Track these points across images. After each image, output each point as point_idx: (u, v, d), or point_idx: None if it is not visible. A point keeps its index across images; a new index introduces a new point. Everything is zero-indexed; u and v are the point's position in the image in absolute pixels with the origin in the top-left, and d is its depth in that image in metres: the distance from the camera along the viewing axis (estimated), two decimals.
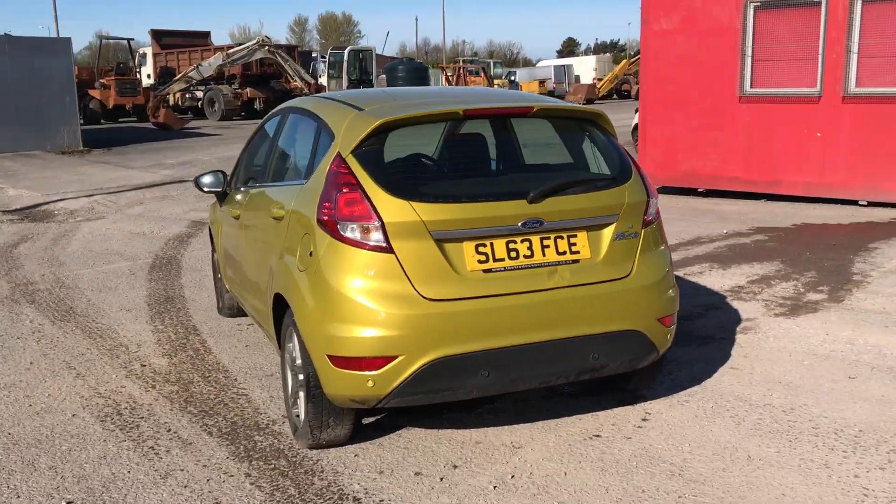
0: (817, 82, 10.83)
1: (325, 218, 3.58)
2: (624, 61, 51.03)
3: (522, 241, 3.61)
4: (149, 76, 36.29)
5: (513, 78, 50.49)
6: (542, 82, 48.62)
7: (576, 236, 3.70)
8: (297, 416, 4.00)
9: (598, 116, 4.05)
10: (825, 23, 10.64)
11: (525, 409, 4.34)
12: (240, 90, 32.96)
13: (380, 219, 3.46)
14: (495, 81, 44.03)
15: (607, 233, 3.77)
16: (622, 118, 23.45)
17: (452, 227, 3.52)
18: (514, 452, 3.86)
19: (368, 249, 3.48)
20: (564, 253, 3.67)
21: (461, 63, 46.51)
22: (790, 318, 5.91)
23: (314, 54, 32.41)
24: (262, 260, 4.41)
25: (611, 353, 3.78)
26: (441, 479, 3.62)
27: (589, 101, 46.81)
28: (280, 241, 4.03)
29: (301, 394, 3.91)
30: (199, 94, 33.71)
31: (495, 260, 3.57)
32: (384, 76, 32.48)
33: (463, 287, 3.52)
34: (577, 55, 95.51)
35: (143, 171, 17.48)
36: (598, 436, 4.02)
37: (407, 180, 3.63)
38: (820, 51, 10.74)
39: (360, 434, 4.03)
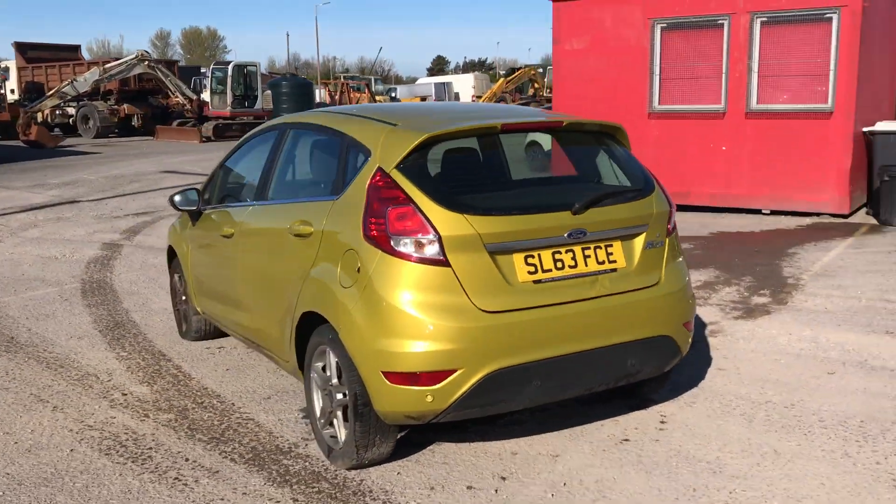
0: (722, 99, 11.49)
1: (375, 233, 3.55)
2: (502, 80, 52.24)
3: (567, 252, 3.70)
4: (12, 91, 34.24)
5: (393, 95, 50.77)
6: (422, 99, 49.12)
7: (612, 246, 3.82)
8: (333, 436, 3.93)
9: (617, 130, 4.20)
10: (728, 43, 11.32)
11: (546, 419, 4.42)
12: (116, 106, 31.60)
13: (436, 232, 3.47)
14: (377, 98, 44.11)
15: (638, 242, 3.92)
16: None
17: (505, 239, 3.57)
18: (554, 461, 3.93)
19: (424, 263, 3.47)
20: (603, 262, 3.78)
21: (342, 79, 46.35)
22: (749, 320, 6.25)
23: (203, 69, 31.38)
24: (276, 280, 4.30)
25: (645, 358, 3.92)
26: (496, 492, 3.65)
27: None
28: (308, 258, 3.96)
29: (339, 413, 3.84)
30: (71, 110, 32.09)
31: (543, 271, 3.64)
32: (269, 92, 31.95)
33: (516, 298, 3.57)
34: (447, 73, 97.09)
35: (26, 191, 16.51)
36: (626, 440, 4.14)
37: (458, 194, 3.65)
38: (723, 70, 11.42)
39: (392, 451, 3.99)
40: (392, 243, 3.50)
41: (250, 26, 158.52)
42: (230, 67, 30.21)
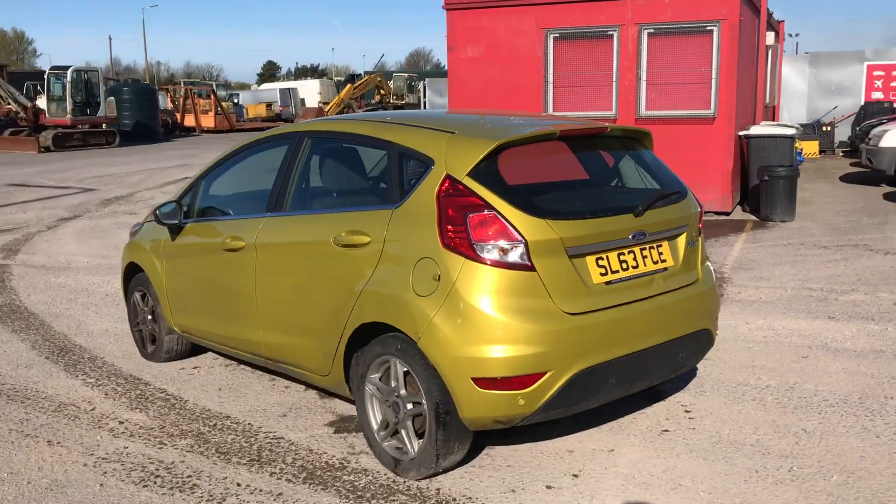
0: (613, 106, 12.11)
1: (456, 241, 3.56)
2: (349, 86, 51.99)
3: (629, 253, 3.86)
4: None
5: (236, 101, 49.39)
6: (268, 105, 48.12)
7: (661, 246, 4.02)
8: (398, 448, 3.89)
9: (646, 135, 4.41)
10: (617, 53, 11.96)
11: (577, 417, 4.54)
12: None
13: (522, 237, 3.53)
14: (222, 104, 42.78)
15: (681, 242, 4.14)
16: None
17: (582, 242, 3.68)
18: (611, 455, 4.08)
19: (511, 268, 3.52)
20: (657, 262, 3.98)
21: (182, 84, 44.61)
22: None
23: (48, 73, 29.23)
24: (314, 292, 4.19)
25: (692, 351, 4.15)
26: (574, 489, 3.74)
27: None
28: (364, 268, 3.89)
29: (408, 424, 3.81)
30: None
31: (612, 272, 3.78)
32: (112, 98, 30.32)
33: (593, 300, 3.69)
34: (279, 79, 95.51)
35: None
36: (666, 430, 4.36)
37: (536, 199, 3.72)
38: (614, 78, 12.05)
39: None
40: (476, 250, 3.53)
41: (62, 29, 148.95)
42: (69, 73, 28.36)
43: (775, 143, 11.90)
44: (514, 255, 3.53)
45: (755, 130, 12.01)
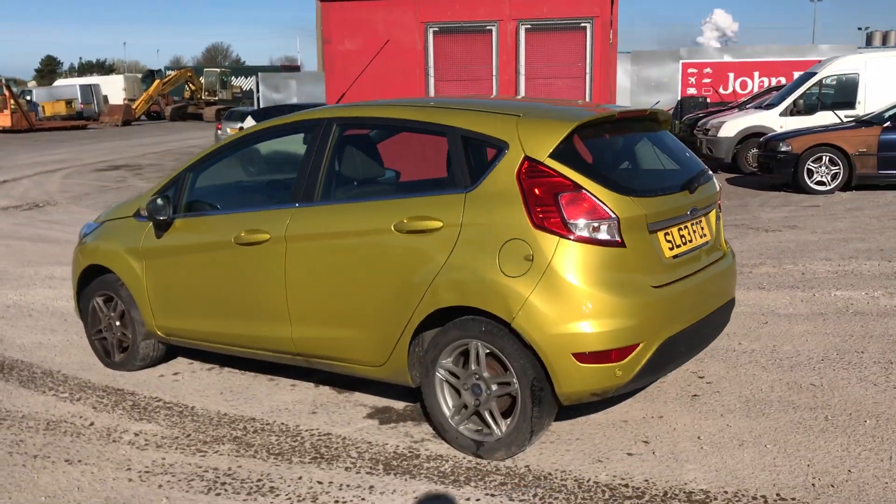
0: None
1: (549, 221, 3.64)
2: (157, 82, 49.55)
3: (685, 228, 4.10)
4: None
5: (29, 98, 45.64)
6: (68, 102, 44.90)
7: (701, 221, 4.30)
8: (478, 430, 3.92)
9: (669, 118, 4.67)
10: (497, 48, 12.31)
11: None
12: None
13: (615, 215, 3.67)
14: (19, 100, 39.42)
15: (713, 217, 4.44)
16: (179, 139, 23.28)
17: (657, 218, 3.87)
18: (664, 421, 4.31)
19: (604, 245, 3.65)
20: (703, 236, 4.25)
21: None
22: None
23: None
24: (370, 280, 4.10)
25: (726, 318, 4.47)
26: (654, 453, 3.94)
27: (126, 123, 44.62)
28: (437, 253, 3.87)
29: (493, 405, 3.85)
30: None
31: (677, 246, 4.01)
32: None
33: (668, 273, 3.90)
34: (61, 75, 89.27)
35: None
36: (696, 395, 4.66)
37: (617, 178, 3.85)
38: (494, 72, 12.39)
39: None
40: (570, 229, 3.62)
41: None
42: None
43: None
44: (607, 232, 3.66)
45: None
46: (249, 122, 20.18)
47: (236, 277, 4.65)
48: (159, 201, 4.81)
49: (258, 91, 27.32)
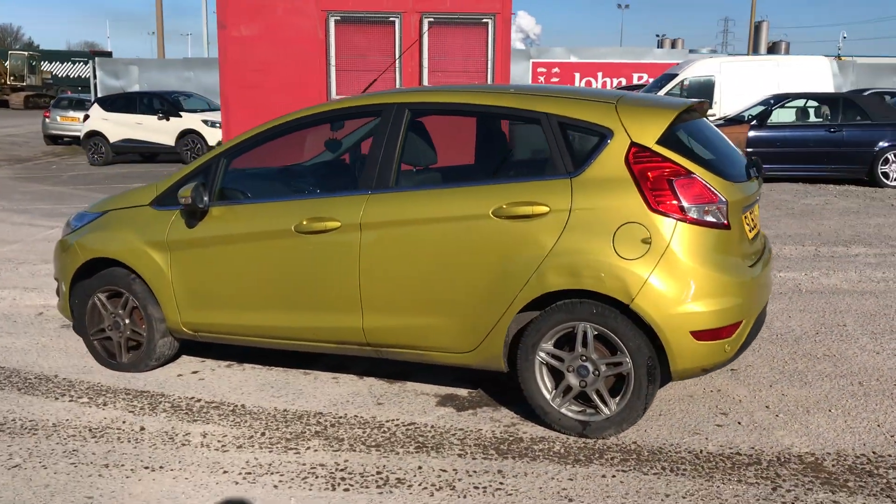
0: None
1: (667, 204, 3.80)
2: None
3: (751, 214, 4.39)
4: None
5: None
6: None
7: (755, 209, 4.62)
8: (581, 411, 4.02)
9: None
10: (400, 40, 12.31)
11: None
12: None
13: (724, 199, 3.89)
14: None
15: (757, 207, 4.77)
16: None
17: (745, 203, 4.13)
18: (724, 394, 4.60)
19: (715, 228, 3.86)
20: (756, 224, 4.56)
21: None
22: None
23: None
24: (468, 266, 4.09)
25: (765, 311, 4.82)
26: (739, 423, 4.21)
27: None
28: (543, 237, 3.92)
29: (601, 384, 3.96)
30: None
31: (749, 230, 4.29)
32: None
33: (752, 256, 4.18)
34: None
35: None
36: (733, 369, 4.99)
37: (715, 164, 4.05)
38: (397, 65, 12.39)
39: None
40: (687, 212, 3.81)
41: None
42: None
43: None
44: (717, 215, 3.87)
45: None
46: (98, 111, 18.90)
47: (295, 267, 4.46)
48: (200, 189, 4.52)
49: (95, 77, 25.52)
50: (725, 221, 3.89)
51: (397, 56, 10.22)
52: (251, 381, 4.88)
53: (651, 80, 20.87)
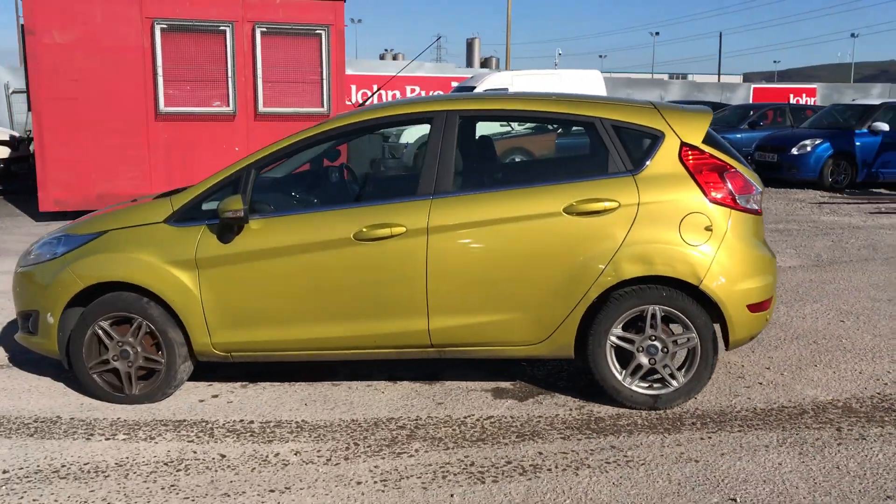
0: (231, 102, 12.13)
1: (722, 196, 4.34)
2: None
3: None
4: None
5: None
6: None
7: None
8: (649, 386, 4.45)
9: None
10: (233, 49, 12.00)
11: None
12: None
13: (759, 189, 4.51)
14: None
15: None
16: None
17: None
18: (723, 362, 5.26)
19: (756, 214, 4.47)
20: None
21: None
22: None
23: None
24: (540, 261, 4.35)
25: None
26: (760, 384, 4.86)
27: None
28: (614, 230, 4.29)
29: (669, 361, 4.42)
30: None
31: None
32: None
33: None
34: None
35: None
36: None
37: (739, 160, 4.64)
38: (230, 74, 12.06)
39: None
40: (738, 202, 4.38)
41: None
42: None
43: (369, 139, 13.42)
44: (756, 203, 4.48)
45: None
46: None
47: (354, 275, 4.43)
48: (223, 203, 4.35)
49: None
50: (759, 209, 4.51)
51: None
52: (286, 398, 4.74)
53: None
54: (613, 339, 4.41)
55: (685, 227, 4.30)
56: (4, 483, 3.72)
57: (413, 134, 14.16)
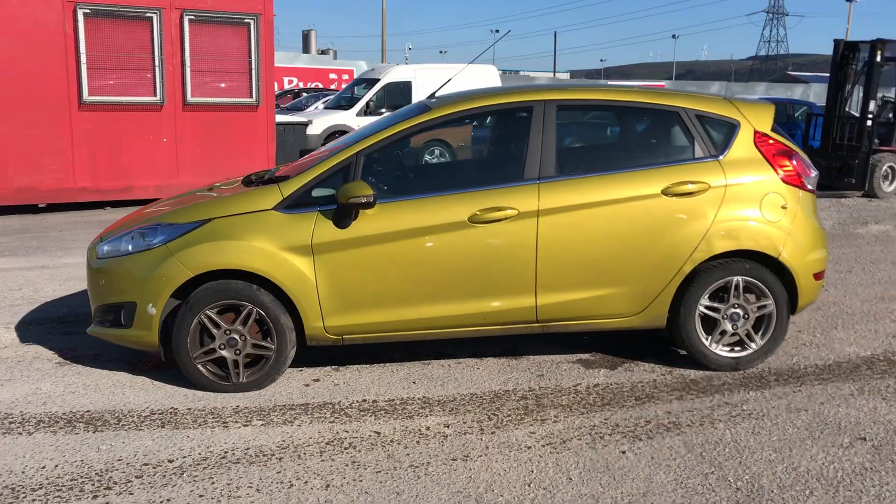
0: (158, 92, 11.74)
1: (792, 177, 4.91)
2: None
3: None
4: None
5: None
6: None
7: None
8: (732, 349, 4.96)
9: None
10: (160, 37, 11.60)
11: None
12: None
13: (815, 172, 5.11)
14: None
15: None
16: None
17: None
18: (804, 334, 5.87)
19: (812, 193, 5.08)
20: None
21: None
22: None
23: None
24: (645, 240, 4.73)
25: None
26: (804, 345, 5.50)
27: None
28: (708, 210, 4.75)
29: (749, 326, 4.95)
30: None
31: None
32: None
33: None
34: None
35: None
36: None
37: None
38: (158, 62, 11.66)
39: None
40: (803, 182, 4.97)
41: None
42: None
43: (294, 129, 13.36)
44: (812, 184, 5.08)
45: (287, 118, 13.21)
46: None
47: (468, 256, 4.65)
48: (368, 187, 4.48)
49: None
50: (814, 189, 5.12)
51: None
52: (388, 378, 4.88)
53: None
54: (702, 308, 4.87)
55: (765, 205, 4.83)
56: (181, 472, 3.69)
57: None
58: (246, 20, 12.18)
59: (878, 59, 13.73)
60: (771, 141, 4.93)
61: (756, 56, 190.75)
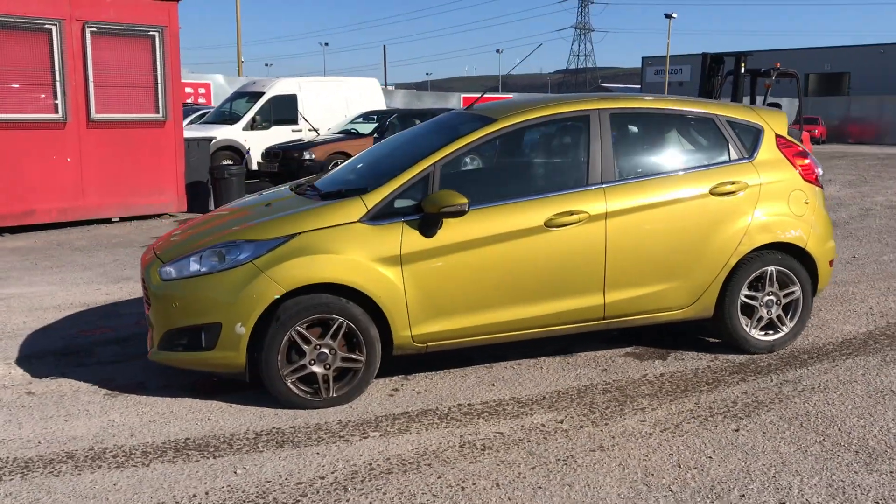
0: (60, 109, 11.04)
1: (811, 176, 5.47)
2: None
3: None
4: None
5: None
6: None
7: None
8: (765, 334, 5.46)
9: None
10: (61, 51, 10.92)
11: None
12: None
13: (822, 170, 5.72)
14: None
15: None
16: None
17: None
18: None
19: (821, 188, 5.69)
20: None
21: None
22: None
23: None
24: (697, 236, 5.12)
25: None
26: (808, 325, 6.11)
27: None
28: (747, 207, 5.22)
29: (780, 311, 5.45)
30: None
31: None
32: None
33: None
34: None
35: None
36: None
37: None
38: (59, 77, 10.98)
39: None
40: (818, 180, 5.56)
41: None
42: None
43: (198, 145, 12.93)
44: (821, 181, 5.69)
45: (195, 134, 12.73)
46: None
47: (544, 259, 4.85)
48: (438, 199, 4.58)
49: None
50: (821, 186, 5.73)
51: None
52: (466, 382, 4.98)
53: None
54: (743, 297, 5.32)
55: (791, 201, 5.36)
56: (344, 487, 3.65)
57: None
58: (150, 32, 11.68)
59: (743, 70, 15.09)
60: (790, 143, 5.47)
61: (566, 69, 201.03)
